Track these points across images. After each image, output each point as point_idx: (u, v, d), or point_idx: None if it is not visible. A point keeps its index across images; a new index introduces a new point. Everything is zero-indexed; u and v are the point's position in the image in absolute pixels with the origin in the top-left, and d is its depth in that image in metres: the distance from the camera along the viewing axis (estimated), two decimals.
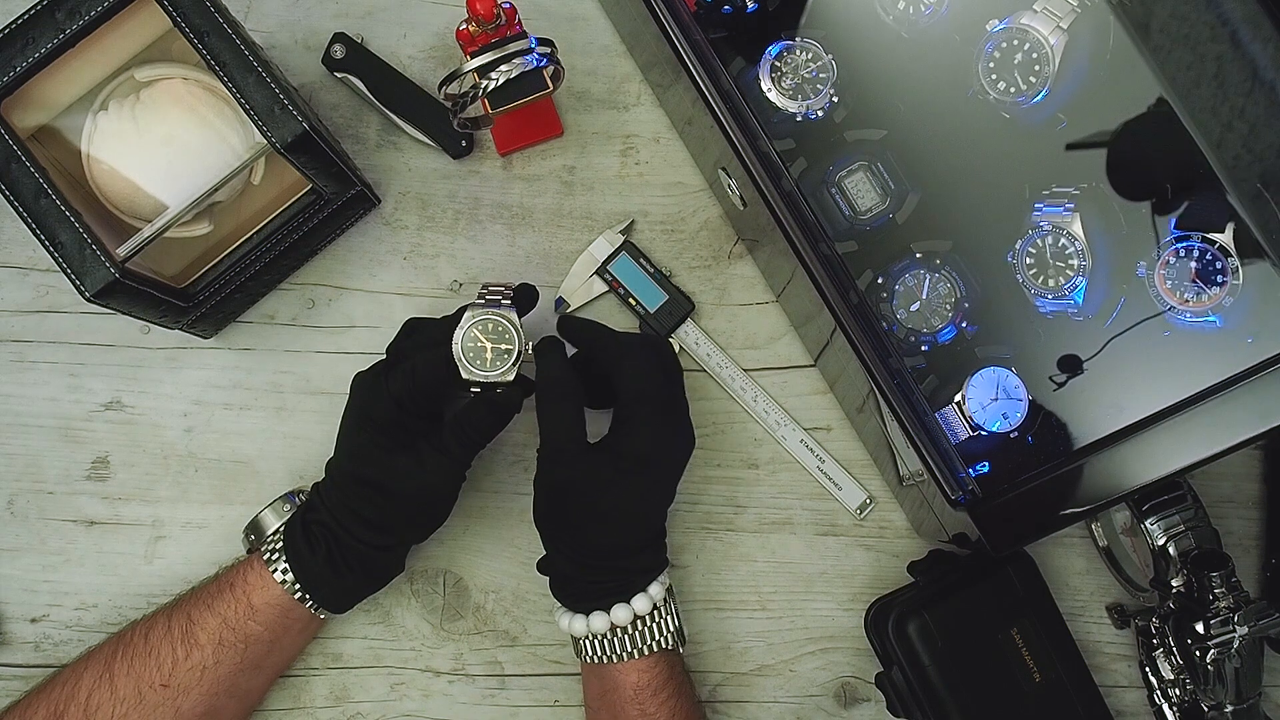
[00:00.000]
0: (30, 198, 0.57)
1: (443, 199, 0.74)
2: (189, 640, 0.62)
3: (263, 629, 0.63)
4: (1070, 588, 0.72)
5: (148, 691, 0.61)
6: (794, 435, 0.72)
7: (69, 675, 0.63)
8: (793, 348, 0.74)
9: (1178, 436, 0.59)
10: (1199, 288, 0.61)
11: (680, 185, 0.74)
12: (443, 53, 0.75)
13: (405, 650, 0.71)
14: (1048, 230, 0.62)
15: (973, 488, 0.59)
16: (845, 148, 0.64)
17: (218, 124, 0.64)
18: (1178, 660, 0.67)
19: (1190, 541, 0.66)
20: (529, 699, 0.71)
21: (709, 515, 0.73)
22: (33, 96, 0.62)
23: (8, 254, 0.72)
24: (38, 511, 0.71)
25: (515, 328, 0.62)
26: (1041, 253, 0.62)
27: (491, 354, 0.62)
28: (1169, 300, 0.62)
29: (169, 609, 0.64)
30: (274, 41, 0.74)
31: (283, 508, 0.67)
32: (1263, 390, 0.59)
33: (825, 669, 0.72)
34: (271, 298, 0.73)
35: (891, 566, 0.72)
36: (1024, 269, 0.62)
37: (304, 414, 0.72)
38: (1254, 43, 0.58)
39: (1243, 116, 0.59)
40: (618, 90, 0.75)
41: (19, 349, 0.72)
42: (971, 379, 0.62)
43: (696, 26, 0.62)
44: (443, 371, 0.62)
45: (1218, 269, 0.62)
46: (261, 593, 0.63)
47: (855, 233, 0.64)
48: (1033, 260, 0.62)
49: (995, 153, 0.64)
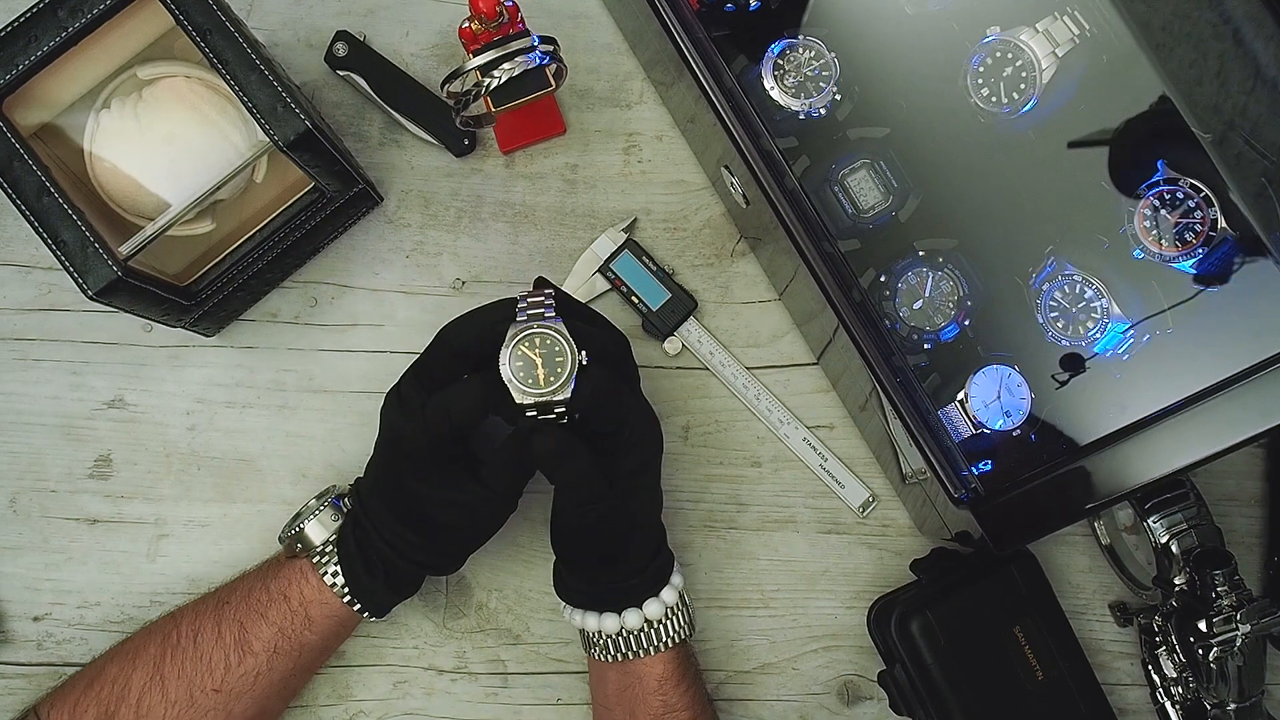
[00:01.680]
0: (32, 196, 0.57)
1: (445, 197, 0.74)
2: (242, 647, 0.62)
3: (318, 638, 0.64)
4: (1073, 586, 0.72)
5: (199, 695, 0.62)
6: (796, 433, 0.72)
7: (116, 674, 0.62)
8: (795, 346, 0.74)
9: (1180, 435, 0.59)
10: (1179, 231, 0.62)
11: (683, 183, 0.74)
12: (445, 51, 0.75)
13: (408, 648, 0.71)
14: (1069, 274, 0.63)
15: (975, 486, 0.59)
16: (848, 146, 0.64)
17: (220, 122, 0.64)
18: (1180, 658, 0.67)
19: (1193, 539, 0.66)
20: (532, 697, 0.71)
21: (711, 513, 0.73)
22: (35, 95, 0.62)
23: (10, 252, 0.72)
24: (40, 510, 0.71)
25: (565, 339, 0.57)
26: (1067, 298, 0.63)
27: (544, 370, 0.56)
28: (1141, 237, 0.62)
29: (215, 613, 0.63)
30: (276, 39, 0.74)
31: (328, 518, 0.64)
32: (1265, 388, 0.59)
33: (828, 667, 0.72)
34: (274, 296, 0.73)
35: (894, 565, 0.72)
36: (1046, 312, 0.62)
37: (307, 412, 0.72)
38: (1256, 40, 0.58)
39: (1245, 114, 0.59)
40: (620, 88, 0.75)
41: (21, 347, 0.72)
42: (974, 377, 0.62)
43: (699, 24, 0.62)
44: (481, 406, 0.58)
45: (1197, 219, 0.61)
46: (320, 607, 0.63)
47: (858, 231, 0.64)
48: (1056, 306, 0.63)
49: (996, 152, 0.64)
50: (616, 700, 0.64)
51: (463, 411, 0.57)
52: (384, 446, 0.61)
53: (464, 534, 0.63)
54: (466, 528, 0.62)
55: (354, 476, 0.71)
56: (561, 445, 0.57)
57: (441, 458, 0.59)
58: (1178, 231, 0.62)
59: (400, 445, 0.59)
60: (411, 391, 0.59)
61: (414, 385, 0.59)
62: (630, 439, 0.60)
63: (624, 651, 0.63)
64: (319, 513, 0.64)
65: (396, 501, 0.61)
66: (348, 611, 0.63)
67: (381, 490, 0.61)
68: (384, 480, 0.61)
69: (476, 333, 0.59)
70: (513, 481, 0.61)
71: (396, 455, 0.60)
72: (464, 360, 0.59)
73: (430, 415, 0.57)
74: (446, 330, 0.60)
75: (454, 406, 0.57)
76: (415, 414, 0.58)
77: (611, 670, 0.64)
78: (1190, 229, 0.62)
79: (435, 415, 0.57)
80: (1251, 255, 0.62)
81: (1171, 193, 0.62)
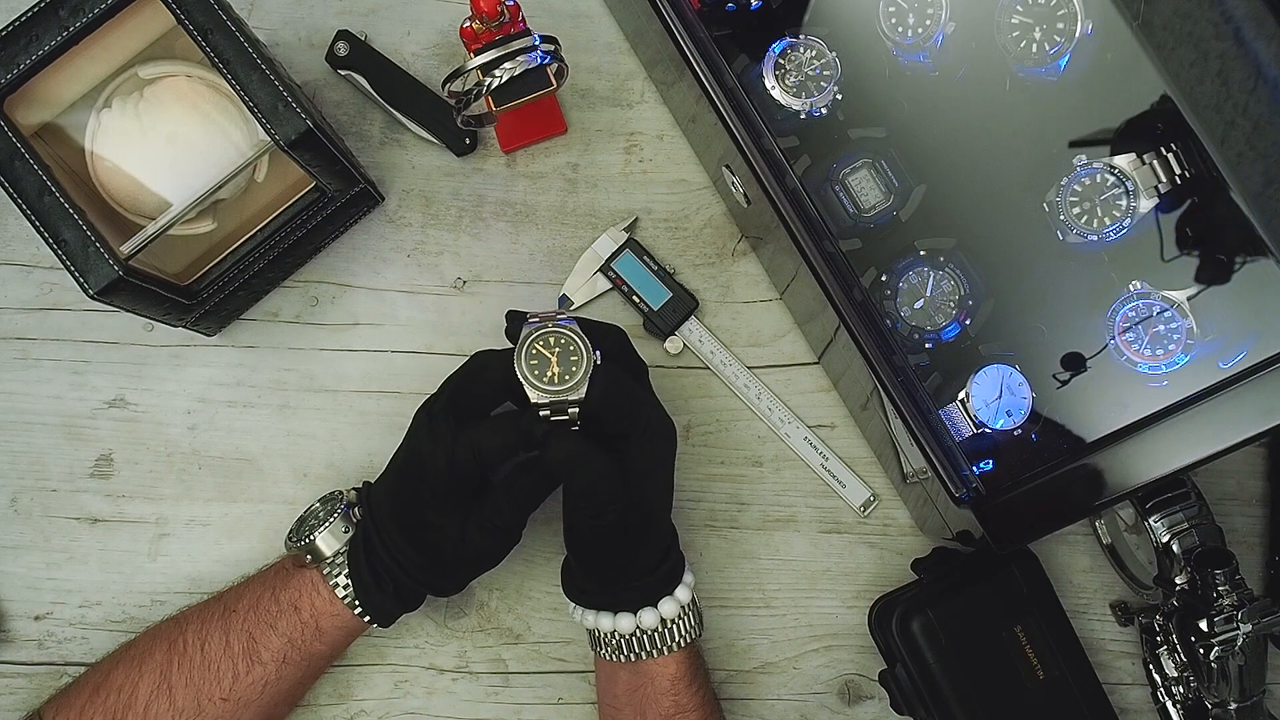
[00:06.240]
0: (34, 195, 0.57)
1: (446, 196, 0.74)
2: (250, 657, 0.62)
3: (327, 648, 0.64)
4: (1074, 585, 0.72)
5: (207, 704, 0.62)
6: (798, 433, 0.72)
7: (122, 681, 0.62)
8: (796, 345, 0.74)
9: (1181, 434, 0.59)
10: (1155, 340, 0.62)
11: (684, 183, 0.74)
12: (446, 50, 0.75)
13: (409, 648, 0.71)
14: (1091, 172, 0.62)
15: (976, 485, 0.59)
16: (849, 145, 0.64)
17: (221, 121, 0.64)
18: (1181, 658, 0.67)
19: (1194, 539, 0.66)
20: (533, 696, 0.71)
21: (713, 513, 0.73)
22: (36, 94, 0.62)
23: (11, 251, 0.72)
24: (41, 509, 0.71)
25: (579, 337, 0.57)
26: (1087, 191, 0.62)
27: (559, 368, 0.56)
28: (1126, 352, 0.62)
29: (222, 621, 0.63)
30: (277, 39, 0.74)
31: (339, 528, 0.64)
32: (1266, 388, 0.59)
33: (829, 666, 0.72)
34: (275, 295, 0.73)
35: (895, 564, 0.72)
36: (1067, 208, 0.61)
37: (307, 411, 0.72)
38: (1257, 40, 0.58)
39: (1246, 114, 0.59)
40: (621, 88, 0.75)
41: (22, 346, 0.72)
42: (975, 376, 0.62)
43: (700, 24, 0.62)
44: (511, 448, 0.57)
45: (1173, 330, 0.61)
46: (331, 619, 0.63)
47: (859, 230, 0.64)
48: (1076, 197, 0.62)
49: (998, 150, 0.64)
50: (627, 700, 0.64)
51: (492, 451, 0.57)
52: (406, 465, 0.61)
53: (468, 565, 0.63)
54: (471, 560, 0.62)
55: (355, 476, 0.72)
56: (578, 451, 0.57)
57: (461, 491, 0.59)
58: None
59: (423, 471, 0.59)
60: (443, 418, 0.59)
61: (447, 411, 0.59)
62: (643, 437, 0.59)
63: (637, 651, 0.63)
64: (329, 522, 0.64)
65: (409, 524, 0.61)
66: (357, 622, 0.64)
67: (395, 509, 0.61)
68: (399, 499, 0.61)
69: (513, 372, 0.57)
70: (518, 516, 0.61)
71: (417, 479, 0.60)
72: (499, 394, 0.59)
73: (459, 449, 0.57)
74: (484, 360, 0.60)
75: (484, 445, 0.57)
76: (443, 442, 0.58)
77: (623, 670, 0.64)
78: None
79: (464, 450, 0.57)
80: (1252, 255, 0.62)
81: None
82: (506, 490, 0.60)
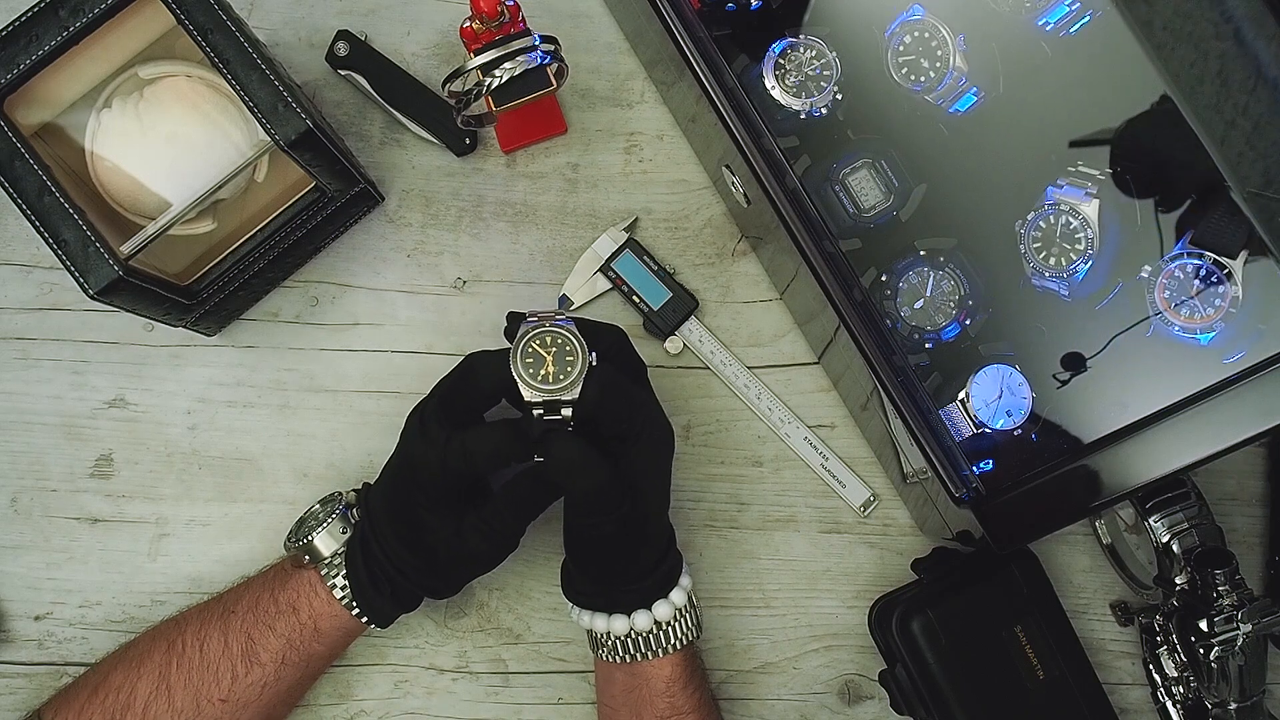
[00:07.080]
0: (33, 195, 0.57)
1: (446, 196, 0.74)
2: (249, 658, 0.62)
3: (326, 649, 0.64)
4: (1074, 585, 0.72)
5: (206, 705, 0.62)
6: (798, 433, 0.72)
7: (120, 682, 0.62)
8: (796, 345, 0.74)
9: (1181, 434, 0.59)
10: (1195, 306, 0.61)
11: (684, 183, 0.74)
12: (446, 50, 0.75)
13: (409, 648, 0.71)
14: (1062, 209, 0.62)
15: (976, 485, 0.59)
16: (849, 145, 0.64)
17: (221, 121, 0.64)
18: (1181, 658, 0.67)
19: (1194, 539, 0.66)
20: (533, 696, 0.71)
21: (712, 513, 0.73)
22: (36, 94, 0.62)
23: (11, 251, 0.72)
24: (41, 509, 0.71)
25: (575, 337, 0.57)
26: (1050, 231, 0.62)
27: (554, 367, 0.56)
28: (1161, 308, 0.61)
29: (221, 623, 0.63)
30: (277, 39, 0.74)
31: (336, 529, 0.64)
32: (1266, 388, 0.59)
33: (829, 666, 0.72)
34: (275, 295, 0.73)
35: (895, 564, 0.72)
36: (1029, 244, 0.62)
37: (307, 411, 0.72)
38: (1257, 40, 0.58)
39: (1246, 114, 0.59)
40: (621, 88, 0.75)
41: (22, 346, 0.72)
42: (975, 376, 0.62)
43: (700, 24, 0.62)
44: (505, 455, 0.57)
45: (1219, 293, 0.61)
46: (330, 620, 0.63)
47: (859, 230, 0.64)
48: (1039, 237, 0.62)
49: (999, 149, 0.64)
50: (623, 701, 0.64)
51: (485, 456, 0.57)
52: (399, 469, 0.61)
53: (463, 567, 0.63)
54: (467, 563, 0.63)
55: (355, 476, 0.72)
56: (579, 458, 0.56)
57: (454, 494, 0.59)
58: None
59: (416, 473, 0.59)
60: (435, 420, 0.59)
61: (438, 414, 0.59)
62: (641, 439, 0.59)
63: (632, 653, 0.63)
64: (328, 524, 0.64)
65: (404, 526, 0.61)
66: (356, 623, 0.64)
67: (390, 512, 0.61)
68: (394, 502, 0.61)
69: (506, 373, 0.57)
70: (517, 523, 0.61)
71: (411, 481, 0.60)
72: (491, 396, 0.59)
73: (451, 453, 0.57)
74: (476, 362, 0.59)
75: (476, 448, 0.57)
76: (435, 445, 0.58)
77: (619, 671, 0.64)
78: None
79: (456, 454, 0.57)
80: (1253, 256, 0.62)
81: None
82: (508, 496, 0.60)
